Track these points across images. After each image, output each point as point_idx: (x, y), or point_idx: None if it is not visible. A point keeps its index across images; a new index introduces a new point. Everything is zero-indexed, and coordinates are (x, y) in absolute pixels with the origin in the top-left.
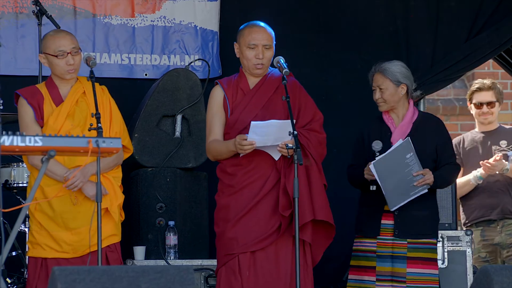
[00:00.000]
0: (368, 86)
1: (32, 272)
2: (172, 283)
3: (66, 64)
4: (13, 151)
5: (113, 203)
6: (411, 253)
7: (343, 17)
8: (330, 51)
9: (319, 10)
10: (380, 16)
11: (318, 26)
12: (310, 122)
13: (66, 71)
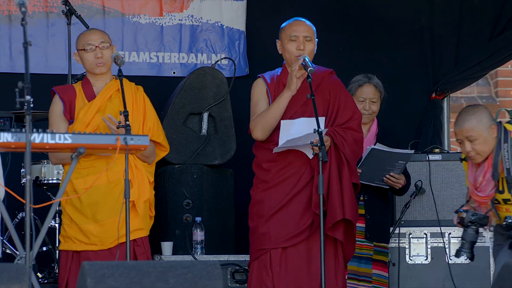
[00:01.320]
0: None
1: (63, 265)
2: (199, 278)
3: (94, 58)
4: (44, 149)
5: (141, 198)
6: (376, 256)
7: (368, 16)
8: (355, 50)
9: (344, 9)
10: (405, 15)
11: (344, 25)
12: (348, 120)
13: (95, 64)
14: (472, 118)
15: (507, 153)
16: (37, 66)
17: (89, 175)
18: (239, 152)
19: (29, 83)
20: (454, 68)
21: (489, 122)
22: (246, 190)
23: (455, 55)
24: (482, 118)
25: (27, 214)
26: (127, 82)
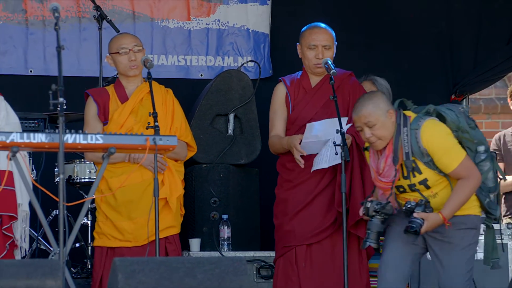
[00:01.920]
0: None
1: (98, 261)
2: (226, 274)
3: (128, 61)
4: (76, 149)
5: (173, 195)
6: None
7: (388, 19)
8: (376, 52)
9: (365, 12)
10: (424, 18)
11: (365, 28)
12: None
13: (129, 67)
14: (369, 104)
15: (406, 137)
16: (70, 69)
17: (123, 174)
18: (264, 152)
19: (62, 86)
20: (473, 70)
21: (386, 107)
22: (271, 189)
23: (473, 57)
24: (379, 103)
25: (60, 212)
26: (157, 84)
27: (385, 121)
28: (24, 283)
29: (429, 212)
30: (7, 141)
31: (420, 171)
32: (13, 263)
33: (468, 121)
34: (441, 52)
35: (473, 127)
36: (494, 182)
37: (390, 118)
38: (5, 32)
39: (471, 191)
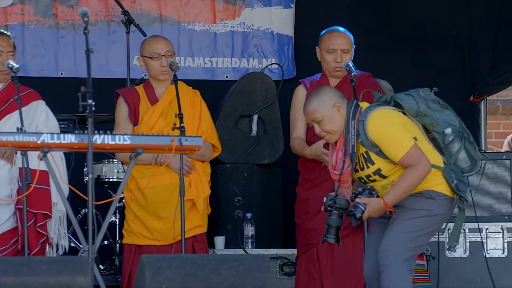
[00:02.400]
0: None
1: (127, 258)
2: (249, 271)
3: (160, 66)
4: (104, 149)
5: (200, 196)
6: None
7: (408, 22)
8: (396, 54)
9: (386, 15)
10: (443, 20)
11: (385, 31)
12: None
13: (160, 72)
14: (314, 100)
15: (353, 130)
16: (99, 71)
17: (152, 175)
18: (286, 152)
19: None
20: (491, 72)
21: (332, 100)
22: (293, 188)
23: (492, 59)
24: (324, 98)
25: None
26: (185, 86)
27: (332, 116)
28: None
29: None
30: (38, 142)
31: (373, 161)
32: (44, 260)
33: (431, 105)
34: (459, 54)
35: (438, 109)
36: (467, 163)
37: (338, 111)
38: (36, 36)
39: (417, 179)
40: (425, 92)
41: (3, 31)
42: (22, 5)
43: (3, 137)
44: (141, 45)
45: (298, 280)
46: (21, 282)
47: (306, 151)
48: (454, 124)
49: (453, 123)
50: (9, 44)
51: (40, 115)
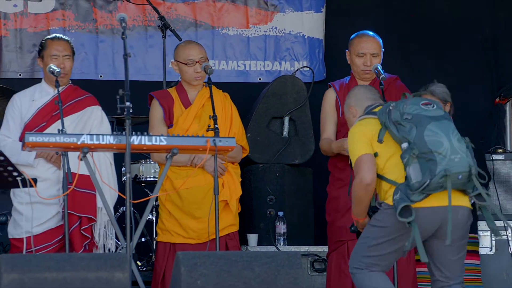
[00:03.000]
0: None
1: (161, 256)
2: (281, 267)
3: (194, 72)
4: (141, 149)
5: (233, 197)
6: (469, 247)
7: (435, 26)
8: (423, 57)
9: (412, 20)
10: (470, 25)
11: (411, 34)
12: None
13: (194, 78)
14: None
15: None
16: (136, 74)
17: (187, 176)
18: (317, 152)
19: (129, 91)
20: None
21: (349, 102)
22: (323, 187)
23: None
24: (347, 97)
25: (127, 209)
26: (215, 89)
27: (347, 116)
28: (94, 275)
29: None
30: (78, 143)
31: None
32: (84, 257)
33: (400, 119)
34: (485, 57)
35: (403, 124)
36: (415, 179)
37: (350, 113)
38: (77, 40)
39: (355, 190)
40: (395, 105)
41: (60, 35)
42: (63, 10)
43: (45, 138)
44: (175, 50)
45: (330, 277)
46: (62, 278)
47: (332, 145)
48: (410, 140)
49: (409, 138)
50: (66, 48)
51: (94, 120)
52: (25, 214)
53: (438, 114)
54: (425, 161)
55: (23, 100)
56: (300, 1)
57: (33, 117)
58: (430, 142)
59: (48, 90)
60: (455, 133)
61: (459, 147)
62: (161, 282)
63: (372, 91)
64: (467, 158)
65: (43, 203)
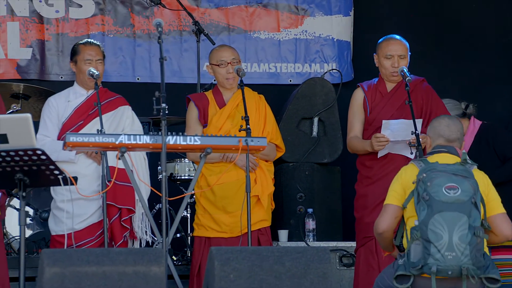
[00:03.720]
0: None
1: (197, 250)
2: (311, 262)
3: (226, 73)
4: (176, 149)
5: (264, 192)
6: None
7: (460, 31)
8: (447, 61)
9: (437, 25)
10: (494, 28)
11: (437, 39)
12: None
13: (226, 78)
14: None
15: None
16: (172, 77)
17: (220, 172)
18: (345, 151)
19: (164, 93)
20: None
21: (428, 132)
22: (351, 185)
23: None
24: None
25: (163, 206)
26: (251, 91)
27: (426, 140)
28: (132, 269)
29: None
30: (116, 142)
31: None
32: (122, 251)
33: (421, 192)
34: (509, 61)
35: (421, 202)
36: (413, 258)
37: (427, 141)
38: (115, 44)
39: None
40: (427, 179)
41: (92, 40)
42: (102, 16)
43: (85, 138)
44: (210, 54)
45: (358, 271)
46: (101, 272)
47: (365, 144)
48: (419, 219)
49: (419, 218)
50: (98, 52)
51: (126, 120)
52: (66, 210)
53: (457, 201)
54: (424, 247)
55: (58, 101)
56: (330, 5)
57: (70, 117)
58: (431, 232)
59: (82, 92)
60: (461, 228)
61: (457, 244)
62: (196, 274)
63: (450, 128)
64: (463, 258)
65: (84, 199)
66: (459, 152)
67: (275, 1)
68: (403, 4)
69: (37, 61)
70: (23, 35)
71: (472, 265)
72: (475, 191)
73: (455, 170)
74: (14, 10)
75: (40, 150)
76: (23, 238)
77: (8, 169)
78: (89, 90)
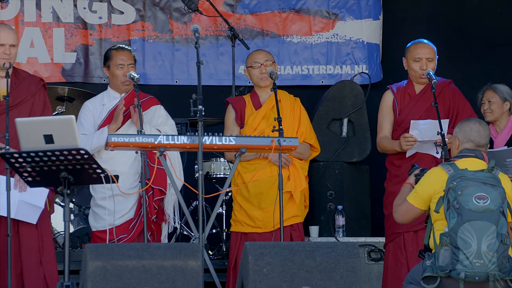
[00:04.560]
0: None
1: (233, 244)
2: (341, 256)
3: (259, 73)
4: (212, 149)
5: (297, 189)
6: None
7: (482, 35)
8: (473, 64)
9: (463, 29)
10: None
11: (463, 42)
12: None
13: (260, 79)
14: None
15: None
16: (208, 79)
17: (255, 170)
18: (374, 151)
19: (201, 95)
20: None
21: (457, 134)
22: (379, 183)
23: None
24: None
25: (200, 203)
26: (286, 94)
27: (452, 142)
28: (170, 263)
29: None
30: (155, 143)
31: None
32: (161, 246)
33: (451, 200)
34: None
35: (451, 209)
36: (441, 262)
37: (454, 143)
38: (155, 49)
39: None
40: (458, 187)
41: (124, 46)
42: (143, 22)
43: (126, 139)
44: (246, 59)
45: (387, 265)
46: (141, 265)
47: (395, 144)
48: (448, 225)
49: (448, 224)
50: (130, 57)
51: (159, 118)
52: (108, 207)
53: (487, 210)
54: (453, 253)
55: (94, 105)
56: (360, 10)
57: (106, 119)
58: (460, 240)
59: (115, 95)
60: (490, 237)
61: (485, 253)
62: (233, 268)
63: (481, 134)
64: (490, 265)
65: (122, 196)
66: (485, 157)
67: (307, 7)
68: (428, 9)
69: (81, 65)
70: (68, 41)
71: (498, 271)
72: (503, 200)
73: (484, 179)
74: (60, 17)
75: (84, 150)
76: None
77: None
78: (122, 93)
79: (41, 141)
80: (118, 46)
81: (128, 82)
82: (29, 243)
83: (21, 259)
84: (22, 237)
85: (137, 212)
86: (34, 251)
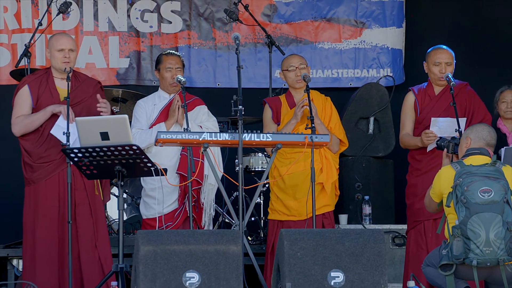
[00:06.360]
0: None
1: (270, 231)
2: (367, 242)
3: (295, 76)
4: (251, 145)
5: (328, 180)
6: None
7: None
8: (489, 68)
9: (479, 35)
10: None
11: (479, 47)
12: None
13: (296, 81)
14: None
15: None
16: (248, 82)
17: (290, 163)
18: (397, 147)
19: (241, 96)
20: None
21: (468, 134)
22: (402, 176)
23: None
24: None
25: (240, 193)
26: (318, 94)
27: (461, 142)
28: (213, 248)
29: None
30: (200, 139)
31: None
32: (205, 233)
33: (459, 195)
34: None
35: (460, 204)
36: (455, 252)
37: (465, 142)
38: (199, 55)
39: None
40: (464, 183)
41: (173, 51)
42: (188, 31)
43: (173, 136)
44: (281, 63)
45: (408, 250)
46: (187, 250)
47: (416, 140)
48: (458, 218)
49: (458, 217)
50: (178, 62)
51: (202, 116)
52: (157, 197)
53: (492, 202)
54: (464, 243)
55: (146, 104)
56: (385, 19)
57: (158, 117)
58: (470, 231)
59: (165, 96)
60: (496, 226)
61: (493, 241)
62: (270, 252)
63: (491, 135)
64: (499, 251)
65: (169, 187)
66: (490, 153)
67: (337, 16)
68: (447, 17)
69: (134, 69)
70: (122, 47)
71: (507, 255)
72: (506, 191)
73: (488, 172)
74: (115, 26)
75: (136, 145)
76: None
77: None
78: (171, 94)
79: (98, 138)
80: (168, 51)
81: (175, 84)
82: (85, 229)
83: (78, 243)
84: (79, 224)
85: (181, 202)
86: (89, 236)
